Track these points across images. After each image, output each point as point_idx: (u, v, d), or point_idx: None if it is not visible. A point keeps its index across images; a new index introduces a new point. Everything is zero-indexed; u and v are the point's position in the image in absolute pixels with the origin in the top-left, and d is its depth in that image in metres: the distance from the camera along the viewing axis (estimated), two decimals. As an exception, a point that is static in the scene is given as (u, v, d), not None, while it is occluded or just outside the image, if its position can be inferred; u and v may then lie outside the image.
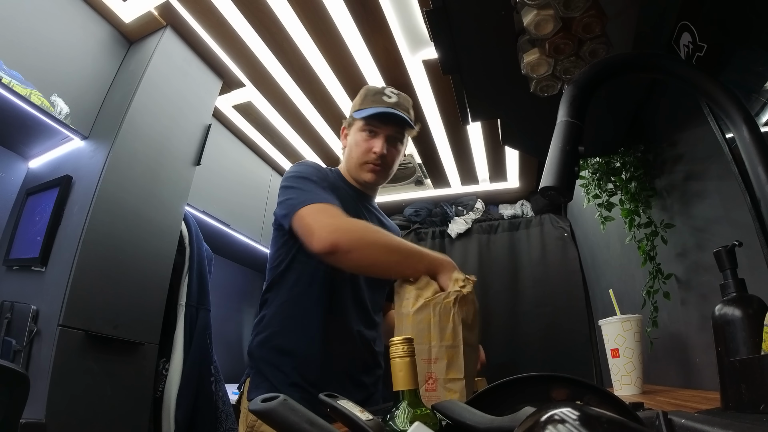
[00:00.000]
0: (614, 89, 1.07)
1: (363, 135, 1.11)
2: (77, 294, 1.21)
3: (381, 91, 1.12)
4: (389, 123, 1.10)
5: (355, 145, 1.12)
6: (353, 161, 1.13)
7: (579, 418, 0.25)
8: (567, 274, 2.44)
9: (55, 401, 1.10)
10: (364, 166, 1.11)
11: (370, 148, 1.10)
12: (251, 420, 0.93)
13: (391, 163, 1.14)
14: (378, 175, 1.12)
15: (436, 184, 2.70)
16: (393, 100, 1.11)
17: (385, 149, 1.09)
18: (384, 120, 1.10)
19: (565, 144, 0.46)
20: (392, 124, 1.11)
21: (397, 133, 1.12)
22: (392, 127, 1.11)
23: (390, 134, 1.11)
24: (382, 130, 1.10)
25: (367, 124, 1.10)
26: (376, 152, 1.09)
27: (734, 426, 0.38)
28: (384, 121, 1.10)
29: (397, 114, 1.09)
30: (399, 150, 1.15)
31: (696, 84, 0.49)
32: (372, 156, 1.10)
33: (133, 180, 1.43)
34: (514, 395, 0.46)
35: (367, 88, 1.16)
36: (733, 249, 0.56)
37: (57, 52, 1.39)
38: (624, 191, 1.21)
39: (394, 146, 1.13)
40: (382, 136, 1.10)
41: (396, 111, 1.09)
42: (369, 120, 1.10)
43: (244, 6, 1.47)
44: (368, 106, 1.11)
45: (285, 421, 0.35)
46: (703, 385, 0.97)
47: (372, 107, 1.09)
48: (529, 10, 0.81)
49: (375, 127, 1.10)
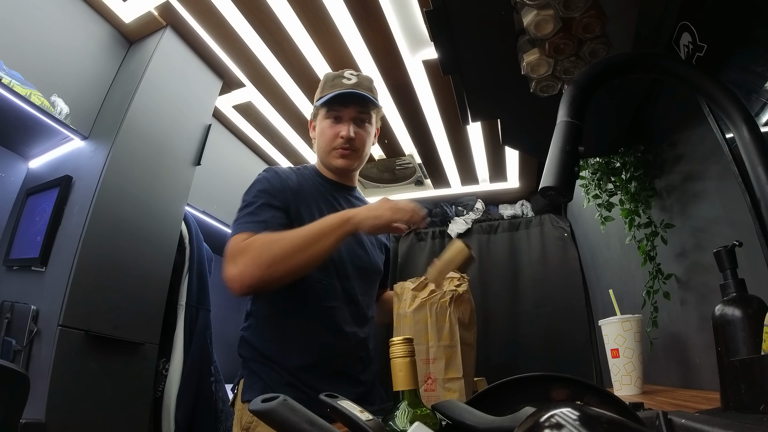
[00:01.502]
0: (614, 89, 1.07)
1: (328, 122, 1.10)
2: (77, 294, 1.21)
3: (339, 75, 1.11)
4: (351, 104, 1.09)
5: (322, 133, 1.11)
6: (322, 150, 1.12)
7: (579, 418, 0.25)
8: (567, 274, 2.44)
9: (55, 401, 1.10)
10: (333, 152, 1.10)
11: (337, 133, 1.09)
12: (247, 421, 0.92)
13: (362, 145, 1.11)
14: (349, 158, 1.10)
15: (436, 184, 2.70)
16: (352, 81, 1.10)
17: (352, 132, 1.08)
18: (345, 102, 1.08)
19: (565, 144, 0.46)
20: (355, 105, 1.09)
21: (361, 113, 1.10)
22: (354, 107, 1.09)
23: (354, 116, 1.10)
24: (345, 112, 1.09)
25: (330, 110, 1.09)
26: (344, 136, 1.07)
27: (734, 426, 0.37)
28: (345, 104, 1.08)
29: (357, 92, 1.07)
30: (367, 131, 1.13)
31: (696, 84, 0.49)
32: (339, 141, 1.08)
33: (133, 180, 1.43)
34: (514, 395, 0.46)
35: (326, 75, 1.15)
36: (733, 249, 0.56)
37: (57, 53, 1.39)
38: (624, 191, 1.21)
39: (361, 127, 1.11)
40: (346, 119, 1.09)
41: (356, 91, 1.08)
42: (330, 105, 1.08)
43: (244, 6, 1.46)
44: (328, 92, 1.09)
45: (285, 421, 0.35)
46: (703, 385, 0.97)
47: (331, 92, 1.08)
48: (529, 11, 0.81)
49: (338, 112, 1.09)
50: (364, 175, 2.56)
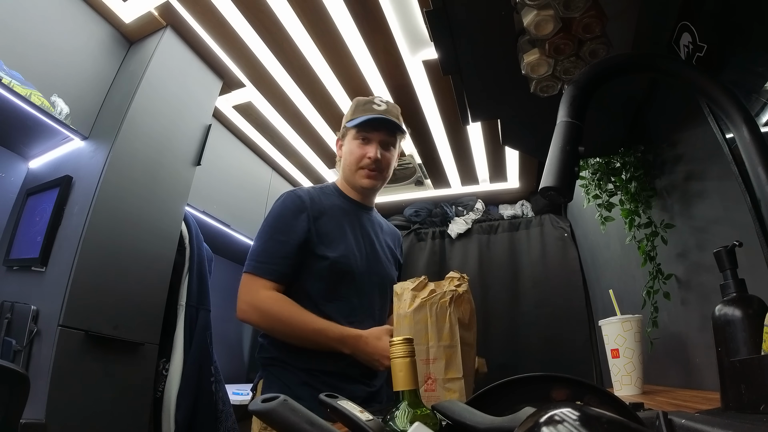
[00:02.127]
0: (614, 89, 1.07)
1: (356, 143, 1.18)
2: (77, 294, 1.21)
3: (371, 101, 1.19)
4: (380, 129, 1.17)
5: (350, 153, 1.19)
6: (349, 169, 1.19)
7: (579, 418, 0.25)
8: (567, 275, 2.44)
9: (55, 401, 1.10)
10: (360, 171, 1.18)
11: (365, 154, 1.16)
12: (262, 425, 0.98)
13: (386, 167, 1.20)
14: (374, 179, 1.18)
15: (436, 185, 2.70)
16: (382, 108, 1.18)
17: (379, 154, 1.16)
18: (375, 126, 1.16)
19: (565, 144, 0.46)
20: (383, 130, 1.17)
21: (388, 137, 1.18)
22: (383, 132, 1.17)
23: (382, 139, 1.18)
24: (374, 136, 1.17)
25: (360, 132, 1.17)
26: (371, 157, 1.15)
27: (734, 426, 0.37)
28: (375, 127, 1.17)
29: (388, 119, 1.16)
30: (392, 154, 1.21)
31: (696, 84, 0.49)
32: (367, 161, 1.16)
33: (133, 180, 1.43)
34: (514, 395, 0.46)
35: (358, 100, 1.23)
36: (733, 249, 0.56)
37: (57, 53, 1.39)
38: (624, 191, 1.21)
39: (387, 150, 1.19)
40: (375, 141, 1.17)
41: (387, 117, 1.16)
42: (361, 127, 1.16)
43: (244, 6, 1.47)
44: (359, 115, 1.17)
45: (285, 421, 0.35)
46: (703, 386, 0.97)
47: (363, 116, 1.16)
48: (529, 11, 0.81)
49: (367, 134, 1.17)
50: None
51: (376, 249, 1.20)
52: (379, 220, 1.30)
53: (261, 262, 1.05)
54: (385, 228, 1.31)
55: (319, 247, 1.07)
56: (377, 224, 1.27)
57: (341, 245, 1.10)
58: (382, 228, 1.29)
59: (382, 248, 1.23)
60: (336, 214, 1.15)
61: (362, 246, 1.16)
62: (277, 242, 1.07)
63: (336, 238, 1.10)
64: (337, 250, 1.08)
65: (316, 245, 1.07)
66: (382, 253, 1.21)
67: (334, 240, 1.09)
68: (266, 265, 1.05)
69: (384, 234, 1.28)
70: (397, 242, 1.35)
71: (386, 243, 1.26)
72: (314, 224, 1.09)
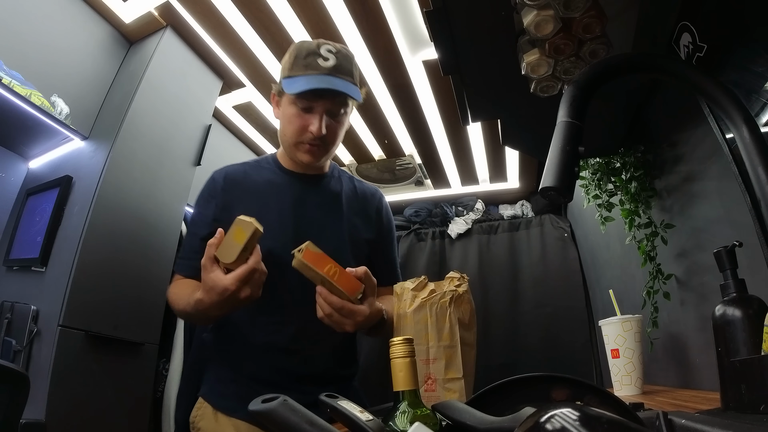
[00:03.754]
0: (614, 89, 1.07)
1: (295, 110, 0.94)
2: (77, 294, 1.21)
3: (315, 51, 0.91)
4: (327, 96, 0.92)
5: (288, 122, 0.96)
6: (287, 140, 0.98)
7: (579, 418, 0.25)
8: (567, 275, 2.44)
9: (55, 401, 1.10)
10: (299, 146, 0.96)
11: (305, 127, 0.93)
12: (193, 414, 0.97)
13: (333, 140, 0.97)
14: (316, 155, 0.96)
15: (436, 185, 2.70)
16: (330, 64, 0.91)
17: (323, 129, 0.92)
18: (320, 93, 0.91)
19: (565, 144, 0.46)
20: (331, 97, 0.92)
21: (337, 105, 0.94)
22: (331, 99, 0.92)
23: (329, 108, 0.93)
24: (318, 104, 0.92)
25: (300, 98, 0.92)
26: (313, 132, 0.92)
27: (734, 426, 0.38)
28: (320, 95, 0.91)
29: (335, 89, 0.90)
30: (342, 122, 0.98)
31: (696, 84, 0.49)
32: (308, 136, 0.93)
33: (133, 180, 1.43)
34: (514, 395, 0.46)
35: (298, 47, 0.95)
36: (733, 249, 0.56)
37: (57, 53, 1.39)
38: (624, 191, 1.21)
39: (335, 119, 0.95)
40: (318, 111, 0.92)
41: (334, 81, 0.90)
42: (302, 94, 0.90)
43: (244, 6, 1.46)
44: (299, 73, 0.91)
45: (285, 421, 0.35)
46: (703, 386, 0.97)
47: (304, 75, 0.90)
48: (529, 11, 0.81)
49: (310, 102, 0.92)
50: (364, 176, 2.56)
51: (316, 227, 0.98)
52: (335, 187, 1.05)
53: (179, 257, 0.99)
54: (348, 192, 1.06)
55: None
56: (329, 193, 1.03)
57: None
58: (340, 195, 1.04)
59: (332, 224, 1.00)
60: (263, 193, 0.97)
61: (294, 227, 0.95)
62: (191, 235, 0.99)
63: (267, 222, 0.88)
64: None
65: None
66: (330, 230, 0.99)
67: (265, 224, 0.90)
68: (182, 261, 0.98)
69: (344, 202, 1.04)
70: (373, 204, 1.10)
71: (345, 214, 1.03)
72: (226, 212, 0.92)
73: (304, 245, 0.78)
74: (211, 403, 0.95)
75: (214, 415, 0.93)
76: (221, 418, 0.92)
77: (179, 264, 0.98)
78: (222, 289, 0.76)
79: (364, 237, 1.05)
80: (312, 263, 0.76)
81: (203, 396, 0.98)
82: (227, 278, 0.77)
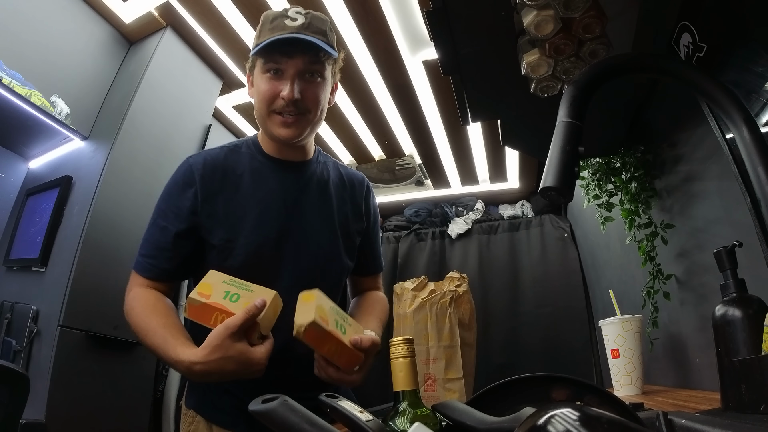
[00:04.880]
0: (614, 89, 1.07)
1: (266, 77, 0.83)
2: (77, 294, 1.21)
3: (282, 14, 0.83)
4: (296, 54, 0.81)
5: (258, 92, 0.85)
6: (260, 114, 0.87)
7: (579, 418, 0.25)
8: (567, 275, 2.44)
9: (55, 401, 1.10)
10: (273, 117, 0.84)
11: (277, 92, 0.82)
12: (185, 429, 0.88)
13: (313, 106, 0.85)
14: (294, 126, 0.84)
15: (436, 185, 2.70)
16: (299, 23, 0.82)
17: (296, 91, 0.81)
18: (288, 51, 0.81)
19: (565, 144, 0.46)
20: (301, 54, 0.81)
21: (310, 64, 0.83)
22: (301, 57, 0.81)
23: (301, 68, 0.82)
24: (288, 65, 0.82)
25: (269, 61, 0.82)
26: (285, 96, 0.81)
27: (734, 426, 0.38)
28: (288, 53, 0.81)
29: (304, 38, 0.80)
30: (320, 86, 0.85)
31: (696, 84, 0.49)
32: (280, 102, 0.82)
33: (133, 180, 1.43)
34: (514, 395, 0.46)
35: (266, 14, 0.87)
36: (733, 249, 0.56)
37: (57, 53, 1.39)
38: (624, 192, 1.21)
39: (310, 83, 0.84)
40: (290, 73, 0.82)
41: (303, 36, 0.81)
42: (269, 54, 0.81)
43: (245, 6, 1.47)
44: (266, 37, 0.82)
45: (285, 421, 0.35)
46: (703, 386, 0.97)
47: (270, 37, 0.81)
48: (529, 11, 0.81)
49: (278, 64, 0.82)
50: (364, 176, 2.56)
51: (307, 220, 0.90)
52: (321, 175, 0.95)
53: (140, 254, 0.84)
54: (335, 180, 0.98)
55: (216, 233, 0.81)
56: (316, 182, 0.93)
57: (246, 227, 0.83)
58: (327, 184, 0.95)
59: (322, 216, 0.92)
60: (246, 183, 0.87)
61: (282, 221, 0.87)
62: (158, 229, 0.83)
63: (240, 218, 0.83)
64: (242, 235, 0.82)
65: (211, 230, 0.82)
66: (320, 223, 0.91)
67: (237, 223, 0.83)
68: (144, 259, 0.83)
69: (333, 191, 0.96)
70: (361, 193, 1.02)
71: (335, 204, 0.95)
72: (206, 205, 0.83)
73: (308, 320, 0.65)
74: (205, 417, 0.86)
75: (209, 430, 0.86)
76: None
77: (141, 263, 0.82)
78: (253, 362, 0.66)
79: (355, 228, 0.98)
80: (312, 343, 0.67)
81: (195, 409, 0.88)
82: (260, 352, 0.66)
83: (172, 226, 0.82)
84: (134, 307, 0.78)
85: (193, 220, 0.82)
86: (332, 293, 0.88)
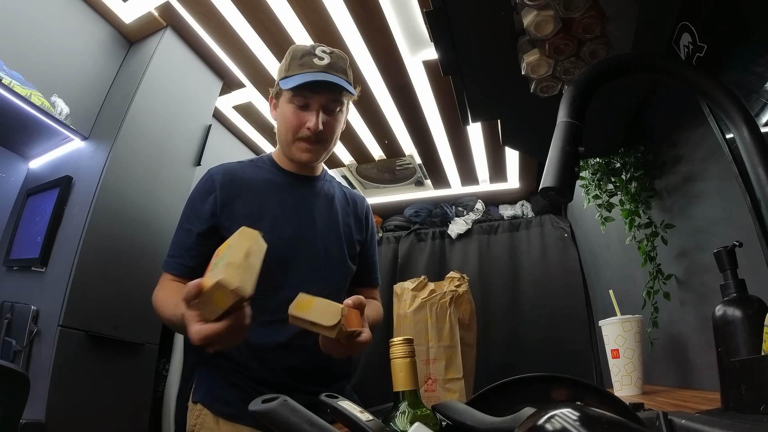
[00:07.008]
0: (614, 89, 1.07)
1: (292, 108, 0.96)
2: (77, 294, 1.21)
3: (310, 52, 0.96)
4: (322, 90, 0.94)
5: (285, 120, 0.98)
6: (284, 139, 1.00)
7: (579, 418, 0.25)
8: (567, 275, 2.44)
9: (55, 401, 1.10)
10: (297, 144, 0.98)
11: (302, 123, 0.95)
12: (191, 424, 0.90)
13: (330, 137, 0.99)
14: (314, 153, 0.99)
15: (436, 185, 2.70)
16: (325, 62, 0.95)
17: (320, 124, 0.94)
18: (315, 89, 0.94)
19: (565, 144, 0.46)
20: (326, 92, 0.95)
21: (332, 101, 0.97)
22: (326, 95, 0.95)
23: (324, 104, 0.96)
24: (314, 100, 0.95)
25: (297, 95, 0.95)
26: (310, 128, 0.94)
27: (734, 426, 0.38)
28: (316, 90, 0.94)
29: (330, 80, 0.93)
30: (338, 120, 1.01)
31: (696, 84, 0.49)
32: (305, 132, 0.95)
33: (133, 180, 1.43)
34: (514, 396, 0.46)
35: (294, 49, 1.00)
36: (733, 249, 0.56)
37: (57, 53, 1.39)
38: (624, 192, 1.21)
39: (331, 116, 0.98)
40: (315, 107, 0.95)
41: (329, 76, 0.94)
42: (298, 90, 0.94)
43: (244, 6, 1.47)
44: (296, 72, 0.95)
45: (285, 421, 0.35)
46: (703, 386, 0.97)
47: (300, 73, 0.94)
48: (529, 11, 0.81)
49: (306, 99, 0.95)
50: (364, 176, 2.56)
51: (316, 226, 1.01)
52: (328, 190, 1.09)
53: (169, 255, 0.94)
54: (339, 197, 1.11)
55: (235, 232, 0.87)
56: (324, 196, 1.07)
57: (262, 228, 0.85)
58: (334, 198, 1.09)
59: (329, 223, 1.04)
60: (262, 191, 0.98)
61: (295, 225, 0.97)
62: (183, 231, 0.94)
63: (257, 220, 0.93)
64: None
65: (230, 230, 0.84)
66: (328, 230, 1.03)
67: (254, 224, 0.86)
68: (172, 259, 0.93)
69: (338, 205, 1.09)
70: (362, 209, 1.16)
71: (340, 216, 1.07)
72: (226, 208, 0.94)
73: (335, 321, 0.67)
74: (212, 410, 0.90)
75: (215, 423, 0.88)
76: (224, 426, 0.88)
77: (169, 263, 0.93)
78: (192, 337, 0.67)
79: (356, 238, 1.10)
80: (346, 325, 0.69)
81: (201, 402, 0.91)
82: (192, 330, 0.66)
83: (195, 228, 0.93)
84: (160, 297, 0.88)
85: (214, 221, 0.92)
86: (338, 293, 1.00)
